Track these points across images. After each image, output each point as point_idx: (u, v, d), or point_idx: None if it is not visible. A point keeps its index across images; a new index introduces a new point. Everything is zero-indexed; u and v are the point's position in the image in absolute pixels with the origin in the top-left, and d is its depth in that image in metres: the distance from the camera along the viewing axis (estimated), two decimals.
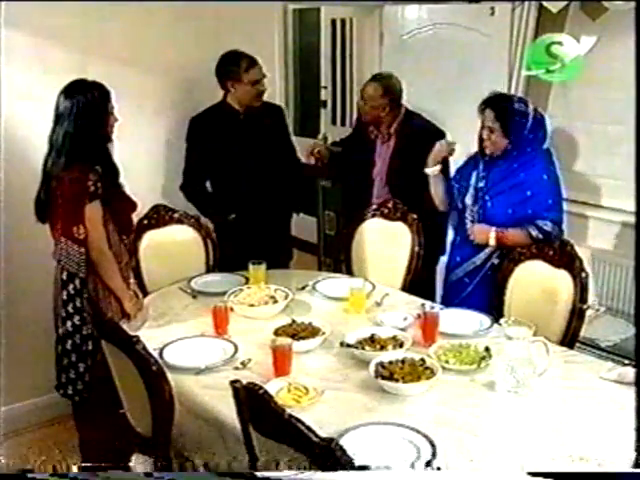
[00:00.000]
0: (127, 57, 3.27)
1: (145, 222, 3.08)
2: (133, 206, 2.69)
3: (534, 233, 2.75)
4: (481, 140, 2.90)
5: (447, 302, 2.90)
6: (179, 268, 3.08)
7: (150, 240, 3.09)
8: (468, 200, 2.93)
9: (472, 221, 2.92)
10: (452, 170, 3.21)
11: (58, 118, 2.52)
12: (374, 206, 3.31)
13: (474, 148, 2.99)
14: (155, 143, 3.51)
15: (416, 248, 3.14)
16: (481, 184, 2.91)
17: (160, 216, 3.14)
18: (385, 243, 3.22)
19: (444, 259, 3.30)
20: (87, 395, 2.66)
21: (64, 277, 2.56)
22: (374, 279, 3.00)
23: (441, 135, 3.30)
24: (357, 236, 3.29)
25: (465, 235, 2.94)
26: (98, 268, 2.55)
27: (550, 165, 2.86)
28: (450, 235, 3.28)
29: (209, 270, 3.20)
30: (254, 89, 3.34)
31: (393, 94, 3.42)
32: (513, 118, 2.79)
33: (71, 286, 2.56)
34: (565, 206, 2.92)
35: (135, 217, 2.83)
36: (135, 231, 2.92)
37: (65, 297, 2.57)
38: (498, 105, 2.84)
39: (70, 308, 2.58)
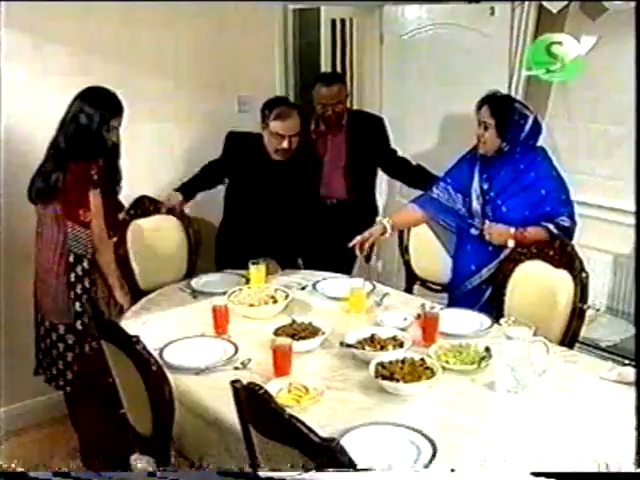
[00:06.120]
0: (129, 59, 3.28)
1: (132, 212, 3.19)
2: (120, 207, 2.88)
3: (555, 231, 2.71)
4: (479, 139, 2.87)
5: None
6: (163, 255, 3.23)
7: (134, 229, 3.18)
8: (475, 204, 2.87)
9: (485, 223, 2.84)
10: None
11: (72, 118, 2.63)
12: None
13: None
14: (157, 145, 3.51)
15: None
16: (485, 186, 2.86)
17: (145, 207, 3.25)
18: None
19: None
20: (75, 386, 2.71)
21: (71, 260, 2.64)
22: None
23: (379, 120, 3.66)
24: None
25: (477, 242, 2.86)
26: (97, 254, 2.68)
27: (552, 161, 2.85)
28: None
29: (191, 256, 3.32)
30: (275, 141, 3.15)
31: (345, 84, 3.66)
32: (510, 116, 2.77)
33: (79, 267, 2.65)
34: None
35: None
36: (122, 221, 3.04)
37: (73, 279, 2.65)
38: (495, 101, 2.83)
39: (79, 289, 2.67)
